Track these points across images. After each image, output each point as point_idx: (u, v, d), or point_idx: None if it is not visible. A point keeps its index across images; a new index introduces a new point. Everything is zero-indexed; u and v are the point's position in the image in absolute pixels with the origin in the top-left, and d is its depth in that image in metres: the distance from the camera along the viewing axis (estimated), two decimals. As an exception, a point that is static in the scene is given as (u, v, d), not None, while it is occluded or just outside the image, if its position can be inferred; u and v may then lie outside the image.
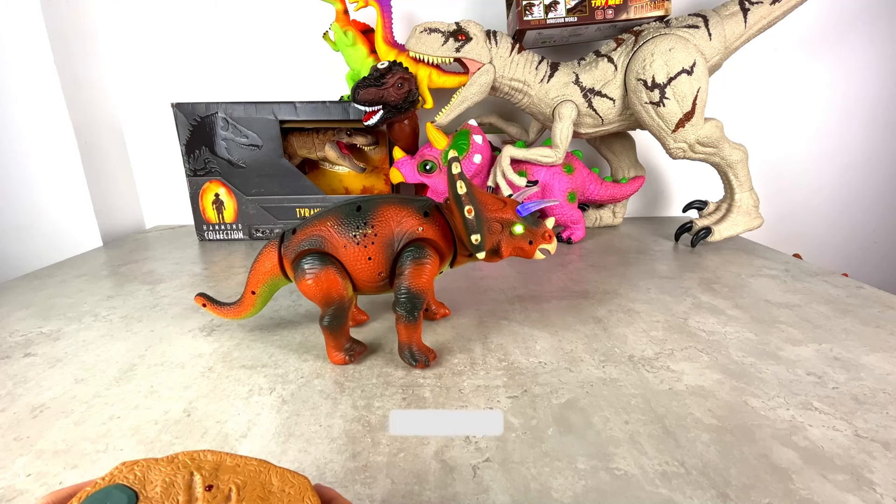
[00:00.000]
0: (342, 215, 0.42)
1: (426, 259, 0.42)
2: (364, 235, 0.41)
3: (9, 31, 0.81)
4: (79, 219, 0.91)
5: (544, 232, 0.45)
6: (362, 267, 0.42)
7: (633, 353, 0.46)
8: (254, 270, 0.46)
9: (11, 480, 0.31)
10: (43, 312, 0.57)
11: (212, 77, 0.98)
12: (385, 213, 0.42)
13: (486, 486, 0.30)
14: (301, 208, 0.89)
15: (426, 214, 0.43)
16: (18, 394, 0.40)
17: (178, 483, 0.19)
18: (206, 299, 0.48)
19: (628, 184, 0.90)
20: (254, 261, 0.46)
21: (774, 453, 0.32)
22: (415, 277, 0.41)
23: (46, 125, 0.86)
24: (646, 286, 0.63)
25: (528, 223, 0.44)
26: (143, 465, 0.19)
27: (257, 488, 0.19)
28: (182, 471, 0.19)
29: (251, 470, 0.20)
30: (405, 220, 0.42)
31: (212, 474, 0.19)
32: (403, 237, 0.42)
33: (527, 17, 0.76)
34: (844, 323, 0.52)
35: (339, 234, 0.42)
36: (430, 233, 0.42)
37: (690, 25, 0.73)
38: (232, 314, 0.49)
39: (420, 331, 0.43)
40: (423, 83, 0.81)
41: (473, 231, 0.40)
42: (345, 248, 0.42)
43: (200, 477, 0.19)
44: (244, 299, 0.48)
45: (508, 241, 0.44)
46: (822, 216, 1.10)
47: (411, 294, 0.41)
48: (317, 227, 0.42)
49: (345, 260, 0.42)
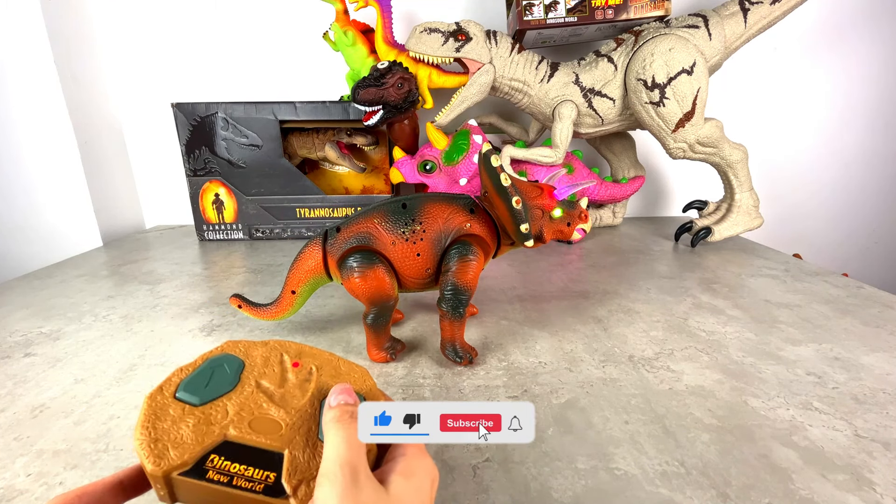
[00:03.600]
0: (389, 212, 0.42)
1: (473, 255, 0.42)
2: (413, 232, 0.42)
3: (9, 31, 0.81)
4: (79, 219, 0.91)
5: (580, 212, 0.46)
6: (411, 263, 0.42)
7: (633, 353, 0.46)
8: (295, 269, 0.45)
9: (11, 480, 0.31)
10: (43, 312, 0.57)
11: (212, 77, 0.98)
12: (433, 209, 0.42)
13: (486, 485, 0.30)
14: (301, 208, 0.89)
15: (472, 211, 0.43)
16: (18, 394, 0.40)
17: (273, 358, 0.25)
18: (241, 300, 0.47)
19: (628, 184, 0.90)
20: (295, 260, 0.45)
21: (774, 453, 0.32)
22: (462, 274, 0.42)
23: (46, 125, 0.86)
24: (646, 286, 0.63)
25: (564, 206, 0.45)
26: (244, 343, 0.25)
27: (330, 369, 0.25)
28: (274, 351, 0.25)
29: (325, 357, 0.26)
30: (452, 217, 0.42)
31: (297, 355, 0.25)
32: (451, 233, 0.42)
33: (527, 17, 0.76)
34: (844, 323, 0.52)
35: (388, 231, 0.42)
36: (477, 228, 0.43)
37: (690, 25, 0.73)
38: (270, 315, 0.47)
39: (464, 328, 0.44)
40: (423, 83, 0.81)
41: (522, 221, 0.41)
42: (393, 245, 0.42)
43: (288, 356, 0.25)
44: (283, 299, 0.46)
45: (549, 226, 0.45)
46: (822, 216, 1.10)
47: (458, 290, 0.42)
48: (364, 224, 0.42)
49: (393, 257, 0.42)
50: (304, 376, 0.24)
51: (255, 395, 0.22)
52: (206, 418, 0.21)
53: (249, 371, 0.24)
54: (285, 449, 0.20)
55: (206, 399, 0.21)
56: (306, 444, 0.21)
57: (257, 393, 0.23)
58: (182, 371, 0.23)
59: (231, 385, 0.22)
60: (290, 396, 0.23)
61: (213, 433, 0.20)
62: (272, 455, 0.20)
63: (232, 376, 0.23)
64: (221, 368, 0.23)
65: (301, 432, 0.21)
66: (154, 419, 0.20)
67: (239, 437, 0.20)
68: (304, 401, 0.23)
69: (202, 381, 0.22)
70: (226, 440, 0.20)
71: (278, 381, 0.23)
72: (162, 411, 0.21)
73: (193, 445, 0.19)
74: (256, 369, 0.24)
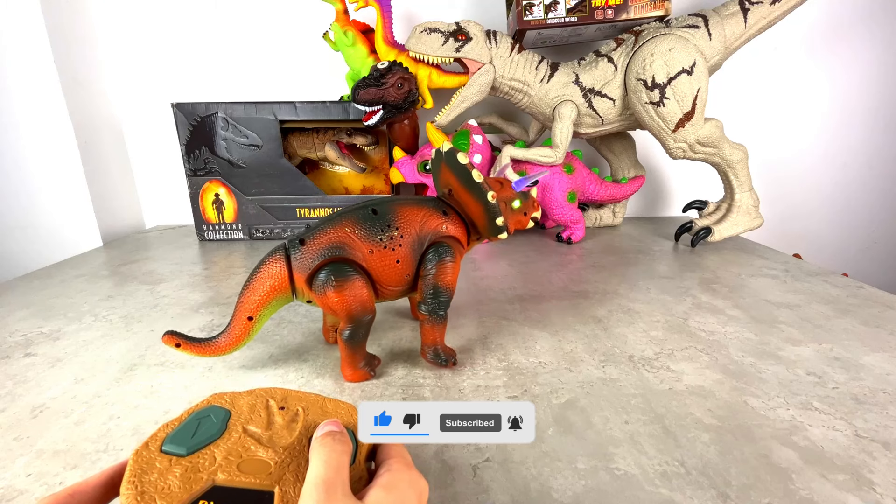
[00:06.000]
0: (360, 220, 0.39)
1: (451, 257, 0.42)
2: (391, 238, 0.40)
3: (9, 31, 0.81)
4: (79, 219, 0.91)
5: (533, 202, 0.47)
6: (391, 271, 0.40)
7: (633, 353, 0.46)
8: (251, 291, 0.39)
9: (11, 480, 0.31)
10: (43, 312, 0.57)
11: (212, 77, 0.98)
12: (407, 213, 0.41)
13: (486, 486, 0.30)
14: (301, 208, 0.89)
15: (444, 213, 0.43)
16: (18, 394, 0.40)
17: (259, 405, 0.25)
18: (179, 338, 0.39)
19: (628, 184, 0.90)
20: (249, 281, 0.39)
21: (774, 453, 0.32)
22: (442, 276, 0.41)
23: (46, 125, 0.86)
24: (646, 286, 0.63)
25: (520, 197, 0.46)
26: (230, 394, 0.26)
27: (317, 409, 0.25)
28: (260, 398, 0.25)
29: (311, 398, 0.26)
30: (427, 220, 0.42)
31: (282, 400, 0.26)
32: (428, 237, 0.41)
33: (527, 17, 0.76)
34: (844, 323, 0.52)
35: (363, 240, 0.39)
36: (452, 230, 0.43)
37: (690, 25, 0.73)
38: (221, 349, 0.40)
39: (445, 331, 0.43)
40: (423, 83, 0.81)
41: (498, 214, 0.41)
42: (371, 254, 0.39)
43: (274, 401, 0.25)
44: (235, 327, 0.40)
45: (511, 217, 0.45)
46: (822, 216, 1.10)
47: (440, 293, 0.41)
48: (334, 234, 0.38)
49: (372, 266, 0.39)
50: (291, 417, 0.24)
51: (242, 440, 0.22)
52: (194, 466, 0.21)
53: (236, 419, 0.24)
54: (275, 487, 0.20)
55: (193, 449, 0.21)
56: (297, 480, 0.21)
57: (245, 437, 0.23)
58: (168, 426, 0.23)
59: (218, 433, 0.23)
60: (277, 437, 0.23)
61: (202, 480, 0.20)
62: (262, 494, 0.20)
63: (219, 425, 0.23)
64: (208, 419, 0.23)
65: (290, 469, 0.21)
66: (140, 473, 0.20)
67: (228, 480, 0.20)
68: (292, 439, 0.23)
69: (188, 433, 0.22)
70: (215, 485, 0.20)
71: (265, 424, 0.24)
72: (148, 465, 0.20)
73: (181, 493, 0.19)
74: (243, 416, 0.24)
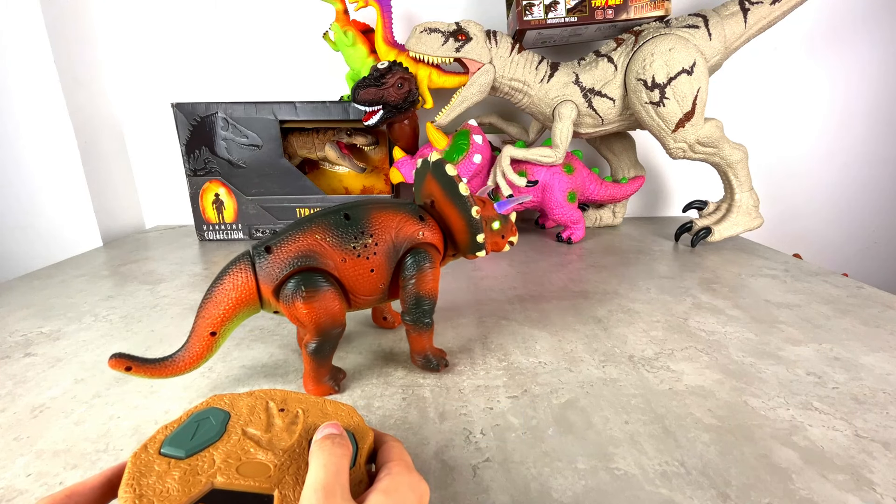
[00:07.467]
0: (332, 226, 0.37)
1: (430, 264, 0.40)
2: (365, 246, 0.38)
3: (9, 31, 0.81)
4: (79, 219, 0.91)
5: (512, 226, 0.47)
6: (364, 280, 0.39)
7: (633, 353, 0.46)
8: (212, 304, 0.37)
9: (11, 480, 0.31)
10: (43, 312, 0.57)
11: (212, 77, 0.98)
12: (381, 219, 0.39)
13: (486, 486, 0.30)
14: (301, 208, 0.89)
15: (421, 218, 0.41)
16: (18, 394, 0.40)
17: (258, 407, 0.25)
18: (129, 360, 0.35)
19: (628, 184, 0.90)
20: (210, 293, 0.37)
21: (774, 453, 0.32)
22: (423, 284, 0.40)
23: (46, 125, 0.86)
24: (646, 286, 0.63)
25: (501, 219, 0.45)
26: (229, 396, 0.25)
27: (317, 411, 0.25)
28: (259, 400, 0.25)
29: (311, 400, 0.26)
30: (403, 226, 0.40)
31: (282, 402, 0.26)
32: (404, 244, 0.40)
33: (527, 17, 0.76)
34: (844, 323, 0.52)
35: (335, 247, 0.37)
36: (429, 237, 0.41)
37: (690, 25, 0.73)
38: (179, 369, 0.37)
39: (433, 336, 0.43)
40: (423, 83, 0.81)
41: (479, 231, 0.41)
42: (343, 262, 0.37)
43: (274, 403, 0.25)
44: (194, 344, 0.37)
45: (489, 237, 0.45)
46: (822, 216, 1.10)
47: (422, 302, 0.40)
48: (304, 242, 0.36)
49: (344, 275, 0.38)
50: (291, 419, 0.24)
51: (242, 442, 0.22)
52: (193, 469, 0.21)
53: (235, 421, 0.24)
54: (275, 490, 0.20)
55: (191, 451, 0.21)
56: (296, 483, 0.21)
57: (244, 440, 0.23)
58: (166, 428, 0.23)
59: (217, 435, 0.22)
60: (277, 440, 0.23)
61: (200, 482, 0.20)
62: (262, 497, 0.20)
63: (218, 427, 0.23)
64: (207, 421, 0.23)
65: (290, 472, 0.21)
66: (139, 476, 0.20)
67: (227, 483, 0.20)
68: (291, 441, 0.23)
69: (187, 435, 0.22)
70: (213, 488, 0.20)
71: (265, 426, 0.24)
72: (147, 468, 0.20)
73: (180, 496, 0.19)
74: (242, 418, 0.24)
